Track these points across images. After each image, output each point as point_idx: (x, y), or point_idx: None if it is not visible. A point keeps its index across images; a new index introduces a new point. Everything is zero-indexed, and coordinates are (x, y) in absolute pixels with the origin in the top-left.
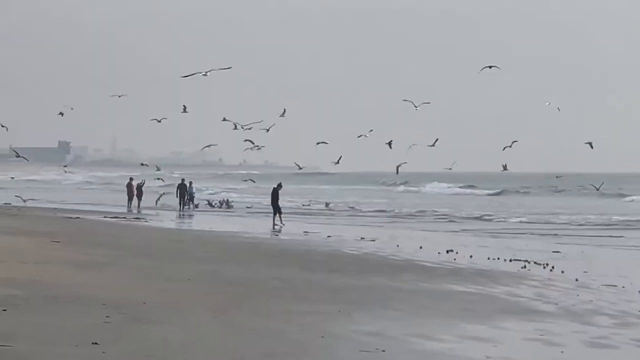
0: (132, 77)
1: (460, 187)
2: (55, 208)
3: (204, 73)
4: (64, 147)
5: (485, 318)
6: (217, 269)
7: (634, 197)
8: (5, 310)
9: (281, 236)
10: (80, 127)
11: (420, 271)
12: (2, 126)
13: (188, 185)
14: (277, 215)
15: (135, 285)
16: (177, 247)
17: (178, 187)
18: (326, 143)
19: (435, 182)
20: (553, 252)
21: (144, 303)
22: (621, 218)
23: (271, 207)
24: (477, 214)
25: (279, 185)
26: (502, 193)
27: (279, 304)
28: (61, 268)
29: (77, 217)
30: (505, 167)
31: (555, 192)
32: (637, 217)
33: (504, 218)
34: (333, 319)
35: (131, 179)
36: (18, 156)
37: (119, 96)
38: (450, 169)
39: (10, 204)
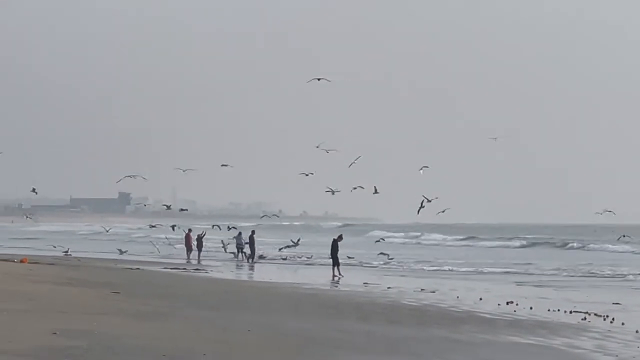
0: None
1: (463, 239)
2: (115, 259)
3: None
4: (124, 198)
5: None
6: (276, 320)
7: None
8: None
9: (341, 287)
10: (141, 177)
11: (480, 323)
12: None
13: (238, 234)
14: (336, 266)
15: (195, 336)
16: (236, 298)
17: (249, 239)
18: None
19: (436, 234)
20: (613, 303)
21: (204, 354)
22: None
23: (330, 258)
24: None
25: (340, 237)
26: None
27: (338, 356)
28: (121, 319)
29: (137, 268)
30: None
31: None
32: None
33: (554, 270)
34: None
35: (189, 230)
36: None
37: (183, 170)
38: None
39: (70, 254)
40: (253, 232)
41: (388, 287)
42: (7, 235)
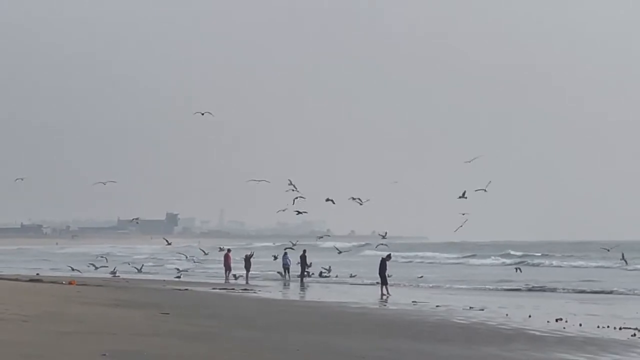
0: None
1: (466, 257)
2: (164, 280)
3: None
4: (172, 219)
5: None
6: (325, 340)
7: None
8: None
9: (389, 306)
10: (188, 198)
11: (530, 340)
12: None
13: (284, 254)
14: (385, 285)
15: (245, 356)
16: (285, 317)
17: (300, 258)
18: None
19: (435, 252)
20: None
21: None
22: None
23: (379, 276)
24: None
25: (388, 256)
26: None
27: None
28: (170, 339)
29: (186, 289)
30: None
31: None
32: None
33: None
34: None
35: (229, 250)
36: None
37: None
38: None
39: (118, 275)
40: (305, 251)
41: (437, 306)
42: (57, 257)
